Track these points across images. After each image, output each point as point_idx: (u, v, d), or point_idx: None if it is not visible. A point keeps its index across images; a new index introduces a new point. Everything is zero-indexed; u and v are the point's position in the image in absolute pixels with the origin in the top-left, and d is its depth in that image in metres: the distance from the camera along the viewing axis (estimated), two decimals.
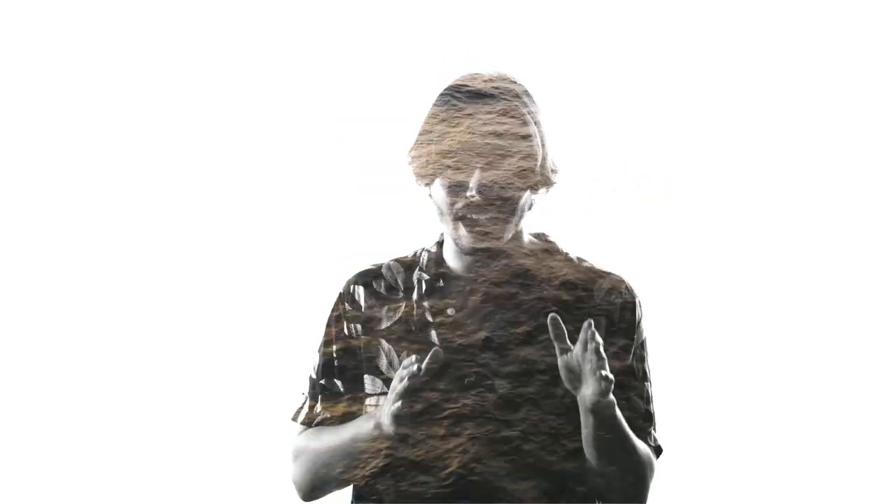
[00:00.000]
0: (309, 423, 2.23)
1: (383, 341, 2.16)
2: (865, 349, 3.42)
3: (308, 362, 2.28)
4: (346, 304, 2.22)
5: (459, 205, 2.10)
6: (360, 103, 3.22)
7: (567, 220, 2.43)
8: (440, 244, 2.21)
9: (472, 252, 2.11)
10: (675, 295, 3.31)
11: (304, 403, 2.26)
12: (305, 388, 2.28)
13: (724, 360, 3.40)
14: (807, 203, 3.44)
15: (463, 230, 2.11)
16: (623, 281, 2.18)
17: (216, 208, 3.45)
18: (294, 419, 2.27)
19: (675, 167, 3.39)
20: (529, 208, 2.18)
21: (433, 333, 2.14)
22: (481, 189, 2.09)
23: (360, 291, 2.22)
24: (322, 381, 2.23)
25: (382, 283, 2.21)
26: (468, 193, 2.09)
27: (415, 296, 2.18)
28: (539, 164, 2.13)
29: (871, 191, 3.43)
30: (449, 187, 2.11)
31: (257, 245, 3.41)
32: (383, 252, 2.29)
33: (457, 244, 2.13)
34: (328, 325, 2.24)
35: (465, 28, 3.27)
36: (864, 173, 3.43)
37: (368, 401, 2.17)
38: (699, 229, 3.40)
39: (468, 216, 2.09)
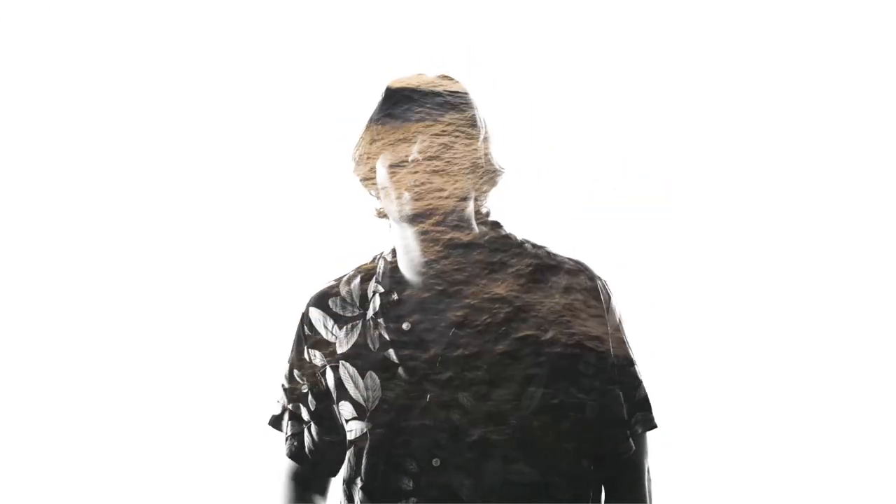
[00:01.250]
0: (293, 445, 2.24)
1: (347, 365, 2.14)
2: (865, 348, 3.42)
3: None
4: (306, 328, 2.22)
5: (403, 172, 2.08)
6: (360, 103, 3.22)
7: (567, 220, 2.43)
8: (395, 251, 2.18)
9: (414, 219, 2.08)
10: (675, 295, 3.31)
11: (285, 415, 2.27)
12: (279, 394, 2.28)
13: (725, 359, 3.39)
14: (807, 203, 3.44)
15: (407, 196, 2.08)
16: (582, 268, 2.16)
17: (215, 208, 3.45)
18: (275, 426, 2.27)
19: (675, 167, 3.39)
20: (480, 213, 2.16)
21: (391, 352, 2.11)
22: (424, 152, 2.08)
23: (316, 315, 2.21)
24: (290, 407, 2.25)
25: (338, 302, 2.20)
26: (411, 158, 2.08)
27: (370, 312, 2.16)
28: (482, 157, 2.12)
29: (871, 190, 3.43)
30: (391, 162, 2.09)
31: (256, 245, 3.41)
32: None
33: (401, 217, 2.09)
34: (294, 347, 2.25)
35: (465, 28, 3.27)
36: (865, 173, 3.43)
37: (347, 426, 2.15)
38: (699, 229, 3.40)
39: (413, 182, 2.07)
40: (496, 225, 2.19)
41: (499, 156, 2.15)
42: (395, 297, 2.14)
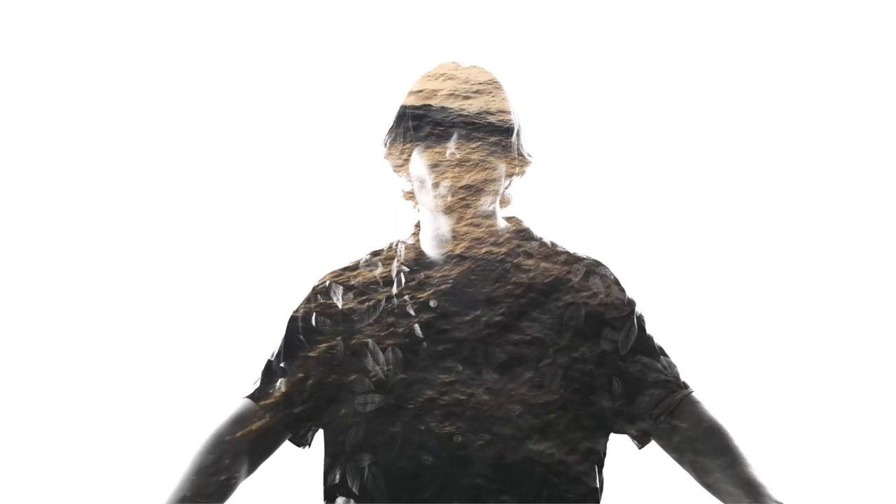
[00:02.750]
0: (256, 398, 2.18)
1: (367, 339, 2.15)
2: (866, 349, 3.42)
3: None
4: (320, 297, 2.21)
5: (440, 166, 2.11)
6: (359, 103, 3.22)
7: (567, 219, 2.44)
8: (416, 234, 2.21)
9: (450, 211, 2.11)
10: (675, 295, 3.31)
11: (258, 380, 2.22)
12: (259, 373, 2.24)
13: (724, 360, 3.40)
14: (807, 203, 3.44)
15: (444, 187, 2.10)
16: (600, 263, 2.20)
17: (214, 208, 3.45)
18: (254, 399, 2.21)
19: (675, 167, 3.39)
20: (503, 203, 2.19)
21: (416, 327, 2.13)
22: (460, 148, 2.10)
23: (336, 290, 2.21)
24: (283, 364, 2.20)
25: (360, 279, 2.21)
26: (448, 153, 2.10)
27: (394, 289, 2.17)
28: (515, 143, 2.15)
29: (871, 190, 3.44)
30: (427, 152, 2.12)
31: (255, 245, 3.41)
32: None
33: (437, 208, 2.12)
34: (294, 314, 2.22)
35: (466, 28, 3.27)
36: (864, 173, 3.44)
37: (357, 399, 2.14)
38: (699, 229, 3.40)
39: (449, 173, 2.10)
40: (516, 220, 2.23)
41: (528, 145, 2.18)
42: (421, 275, 2.16)
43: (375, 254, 2.25)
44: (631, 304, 2.18)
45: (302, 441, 2.22)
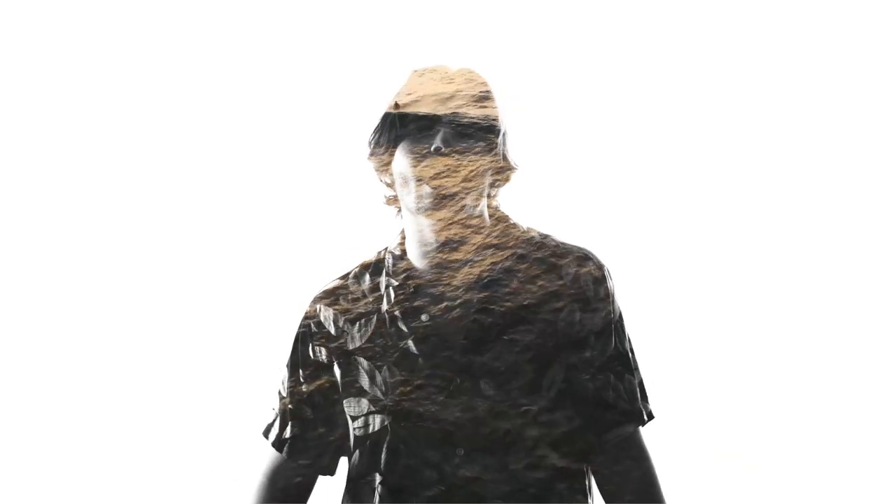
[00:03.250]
0: (279, 446, 2.22)
1: (361, 360, 2.14)
2: (866, 349, 3.42)
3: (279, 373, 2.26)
4: (312, 325, 2.20)
5: (424, 162, 2.09)
6: (359, 103, 3.23)
7: (565, 218, 2.43)
8: (402, 243, 2.18)
9: (431, 210, 2.08)
10: (673, 294, 3.31)
11: (275, 421, 2.24)
12: (276, 402, 2.26)
13: (723, 359, 3.40)
14: (806, 203, 3.44)
15: (427, 188, 2.08)
16: (590, 256, 2.17)
17: (215, 209, 3.45)
18: (265, 435, 2.25)
19: (675, 167, 3.39)
20: (492, 208, 2.17)
21: (410, 344, 2.12)
22: (446, 140, 2.09)
23: (326, 313, 2.19)
24: (291, 406, 2.21)
25: (350, 298, 2.19)
26: (433, 147, 2.09)
27: (384, 305, 2.15)
28: (500, 144, 2.14)
29: (870, 190, 3.44)
30: (411, 148, 2.10)
31: (255, 246, 3.42)
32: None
33: (418, 209, 2.09)
34: (294, 347, 2.22)
35: (467, 29, 3.27)
36: (864, 173, 3.44)
37: (354, 423, 2.15)
38: (699, 229, 3.40)
39: (432, 170, 2.08)
40: (503, 217, 2.20)
41: (513, 153, 2.17)
42: (410, 289, 2.14)
43: (364, 266, 2.22)
44: (615, 306, 2.15)
45: (328, 472, 2.25)
